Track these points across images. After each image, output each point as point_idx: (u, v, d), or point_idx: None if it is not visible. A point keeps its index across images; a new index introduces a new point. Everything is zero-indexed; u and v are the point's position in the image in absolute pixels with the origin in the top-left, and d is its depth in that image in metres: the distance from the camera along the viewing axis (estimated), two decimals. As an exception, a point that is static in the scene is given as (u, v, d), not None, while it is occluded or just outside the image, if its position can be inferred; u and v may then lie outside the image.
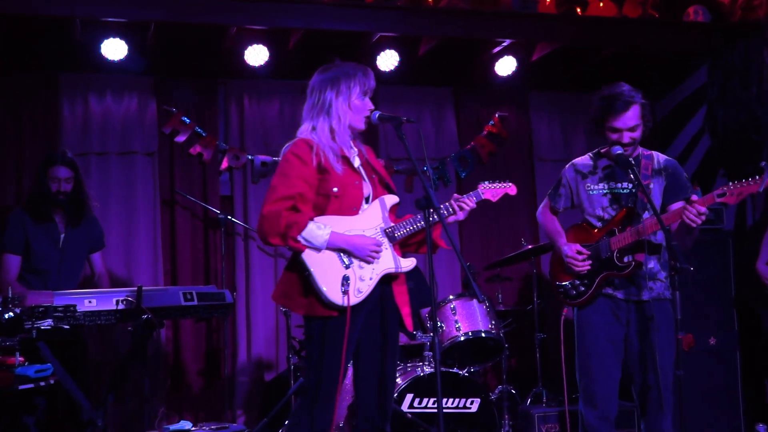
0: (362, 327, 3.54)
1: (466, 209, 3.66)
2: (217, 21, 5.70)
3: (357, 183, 3.54)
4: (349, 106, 3.53)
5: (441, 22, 6.14)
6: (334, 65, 3.60)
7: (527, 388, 6.09)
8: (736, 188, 3.71)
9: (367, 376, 3.57)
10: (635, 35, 6.59)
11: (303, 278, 3.43)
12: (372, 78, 3.58)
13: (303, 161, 3.44)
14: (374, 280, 3.50)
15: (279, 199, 3.40)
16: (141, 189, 6.19)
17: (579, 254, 4.09)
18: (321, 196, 3.47)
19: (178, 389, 6.11)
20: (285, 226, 3.36)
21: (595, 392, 4.06)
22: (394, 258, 3.57)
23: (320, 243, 3.40)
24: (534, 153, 7.13)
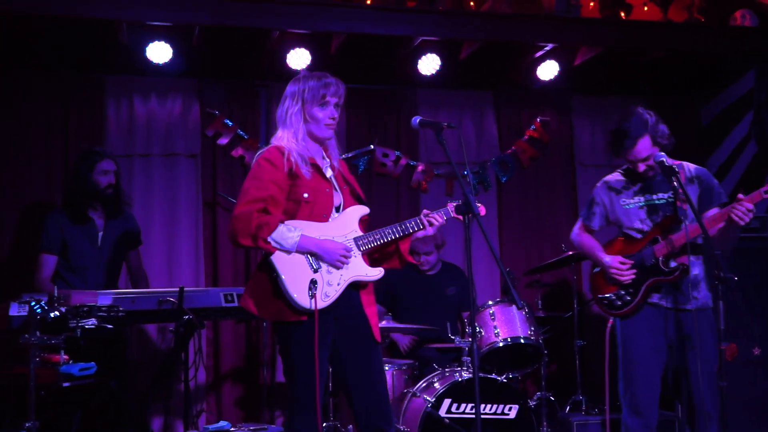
0: (337, 334, 3.56)
1: (435, 224, 3.71)
2: (261, 25, 5.74)
3: (327, 191, 3.60)
4: (305, 118, 3.59)
5: (483, 26, 6.13)
6: (301, 76, 3.66)
7: (566, 396, 6.06)
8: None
9: (356, 383, 3.58)
10: (680, 39, 6.52)
11: (272, 281, 3.45)
12: (333, 86, 3.60)
13: (274, 165, 3.49)
14: (342, 286, 3.53)
15: (250, 201, 3.44)
16: (183, 191, 6.26)
17: (622, 264, 4.11)
18: (292, 201, 3.52)
19: (218, 390, 6.16)
20: (255, 227, 3.39)
21: (640, 401, 4.09)
22: (362, 266, 3.61)
23: (290, 245, 3.43)
24: (576, 158, 7.08)
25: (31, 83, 6.04)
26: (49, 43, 5.78)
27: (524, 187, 6.94)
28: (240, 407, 6.19)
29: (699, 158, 4.44)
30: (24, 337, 3.92)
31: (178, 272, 6.15)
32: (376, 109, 6.70)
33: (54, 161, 6.02)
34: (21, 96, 6.02)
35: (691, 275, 4.04)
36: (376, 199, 6.61)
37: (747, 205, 3.77)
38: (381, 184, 6.64)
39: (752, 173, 6.72)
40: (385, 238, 3.64)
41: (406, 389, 5.18)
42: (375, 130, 6.63)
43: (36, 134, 6.02)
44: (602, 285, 4.25)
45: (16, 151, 5.98)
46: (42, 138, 6.03)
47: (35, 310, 3.93)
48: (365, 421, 3.57)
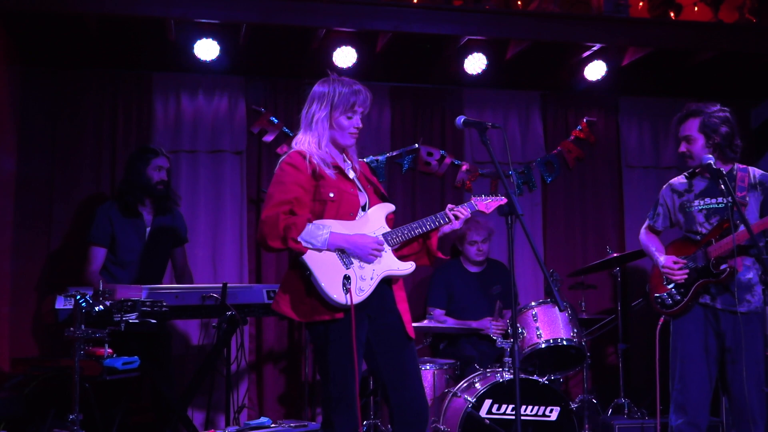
0: (371, 331, 3.54)
1: (461, 218, 3.72)
2: (307, 23, 5.72)
3: (352, 191, 3.59)
4: (331, 125, 3.57)
5: (530, 25, 6.05)
6: (329, 79, 3.63)
7: (609, 399, 5.95)
8: None
9: (391, 380, 3.55)
10: (731, 40, 6.37)
11: (305, 280, 3.44)
12: (362, 95, 3.58)
13: (298, 169, 3.48)
14: (375, 281, 3.51)
15: (276, 204, 3.44)
16: (228, 187, 6.26)
17: (675, 264, 4.20)
18: (318, 202, 3.51)
19: (260, 386, 6.16)
20: (283, 228, 3.38)
21: (687, 400, 4.12)
22: (393, 260, 3.59)
23: (320, 242, 3.42)
24: (622, 159, 6.96)
25: (81, 80, 6.09)
26: (99, 41, 5.81)
27: (569, 187, 6.85)
28: (281, 404, 6.19)
29: (749, 161, 4.37)
30: (69, 330, 3.94)
31: (222, 268, 6.15)
32: (421, 108, 6.64)
33: (102, 156, 6.06)
34: (72, 93, 6.07)
35: (744, 279, 4.08)
36: (420, 197, 6.56)
37: None
38: (425, 182, 6.58)
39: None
40: (413, 233, 3.65)
41: (447, 389, 5.14)
42: (420, 128, 6.57)
43: (85, 130, 6.07)
44: (658, 285, 4.31)
45: (67, 146, 6.04)
46: (91, 134, 6.08)
47: (80, 303, 3.94)
48: (401, 418, 3.55)
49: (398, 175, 6.53)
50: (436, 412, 5.03)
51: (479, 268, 6.01)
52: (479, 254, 5.92)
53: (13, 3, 5.19)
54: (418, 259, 3.73)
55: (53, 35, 5.73)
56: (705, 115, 4.17)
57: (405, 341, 3.61)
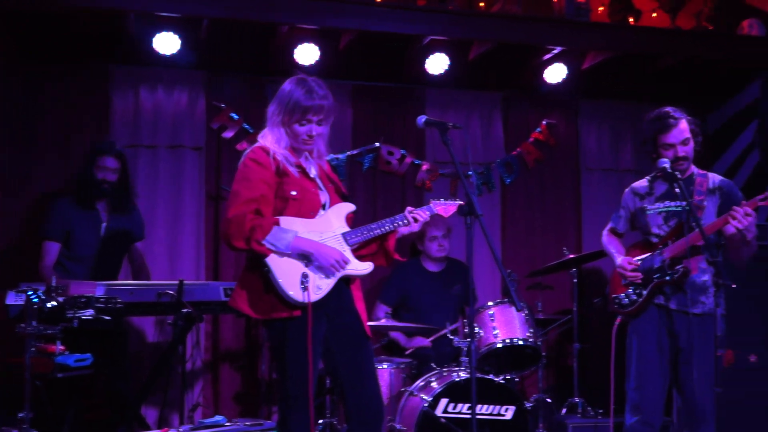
0: (329, 330, 3.54)
1: (420, 221, 3.75)
2: (270, 19, 5.68)
3: (313, 189, 3.59)
4: (286, 130, 3.55)
5: (493, 26, 6.07)
6: (294, 79, 3.60)
7: (564, 398, 5.99)
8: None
9: (348, 379, 3.56)
10: (688, 47, 6.46)
11: (263, 277, 3.42)
12: (317, 104, 3.52)
13: (262, 165, 3.47)
14: (333, 279, 3.50)
15: (244, 202, 3.41)
16: (187, 183, 6.17)
17: (629, 264, 4.24)
18: (280, 199, 3.50)
19: (215, 384, 6.09)
20: (249, 230, 3.36)
21: (642, 399, 4.16)
22: (352, 260, 3.60)
23: (284, 246, 3.41)
24: (581, 162, 7.00)
25: (37, 72, 5.95)
26: (56, 33, 5.70)
27: (528, 189, 6.87)
28: (237, 402, 6.12)
29: (704, 165, 4.41)
30: (20, 327, 3.86)
31: (179, 265, 6.07)
32: (383, 107, 6.61)
33: (58, 151, 5.93)
34: (27, 85, 5.93)
35: (700, 281, 4.12)
36: (380, 196, 6.54)
37: (745, 208, 3.86)
38: (386, 182, 6.56)
39: (755, 182, 6.65)
40: (372, 233, 3.66)
41: (403, 388, 5.13)
42: (381, 127, 6.55)
43: (41, 124, 5.94)
44: (617, 286, 4.35)
45: (22, 140, 5.89)
46: (47, 127, 5.95)
47: (32, 299, 3.86)
48: (357, 417, 3.55)
49: (359, 173, 6.50)
50: (393, 411, 5.01)
51: (439, 267, 6.00)
52: (440, 250, 5.90)
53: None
54: (375, 259, 3.72)
55: (9, 27, 5.60)
56: (689, 119, 4.20)
57: (363, 341, 3.61)
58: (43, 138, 5.93)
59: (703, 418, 4.04)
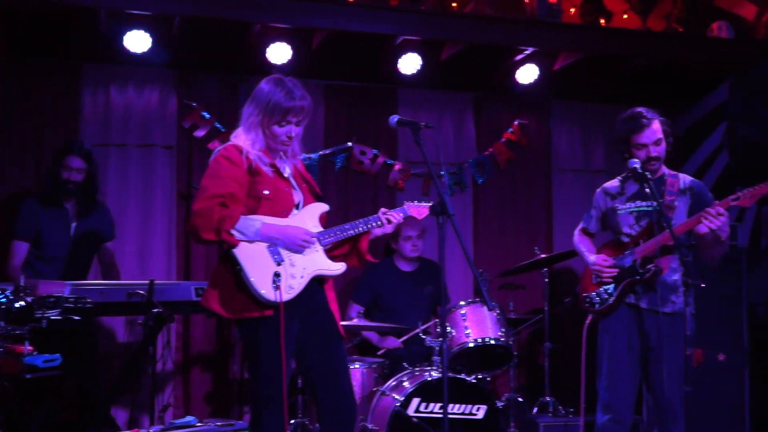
0: (302, 330, 3.52)
1: (393, 222, 3.74)
2: (242, 18, 5.66)
3: (287, 189, 3.57)
4: (264, 131, 3.53)
5: (465, 27, 6.09)
6: (273, 80, 3.57)
7: (535, 397, 6.02)
8: (749, 191, 3.92)
9: (321, 379, 3.54)
10: (659, 49, 6.52)
11: (234, 276, 3.40)
12: (297, 105, 3.51)
13: (234, 163, 3.44)
14: (305, 279, 3.49)
15: (210, 196, 3.39)
16: (158, 182, 6.13)
17: (605, 261, 4.26)
18: (252, 198, 3.48)
19: (186, 384, 6.05)
20: (218, 221, 3.34)
21: (613, 397, 4.18)
22: (325, 260, 3.58)
23: (252, 234, 3.39)
24: (552, 162, 7.04)
25: (6, 70, 5.87)
26: (25, 30, 5.63)
27: (500, 189, 6.89)
28: (208, 402, 6.09)
29: (673, 166, 4.44)
30: (-13, 327, 3.80)
31: (149, 264, 6.03)
32: (356, 107, 6.61)
33: (27, 149, 5.86)
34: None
35: (670, 280, 4.14)
36: (353, 196, 6.53)
37: (717, 208, 3.89)
38: (358, 181, 6.55)
39: (724, 182, 6.72)
40: (345, 234, 3.64)
41: (375, 387, 5.12)
42: (354, 127, 6.54)
43: (10, 122, 5.86)
44: (588, 285, 4.36)
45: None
46: (17, 125, 5.87)
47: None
48: (330, 417, 3.54)
49: (331, 173, 6.49)
50: (365, 410, 5.00)
51: (412, 266, 6.00)
52: (414, 250, 5.91)
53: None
54: (348, 260, 3.71)
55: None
56: (661, 119, 4.24)
57: (336, 340, 3.61)
58: (17, 136, 5.86)
59: (673, 417, 4.07)
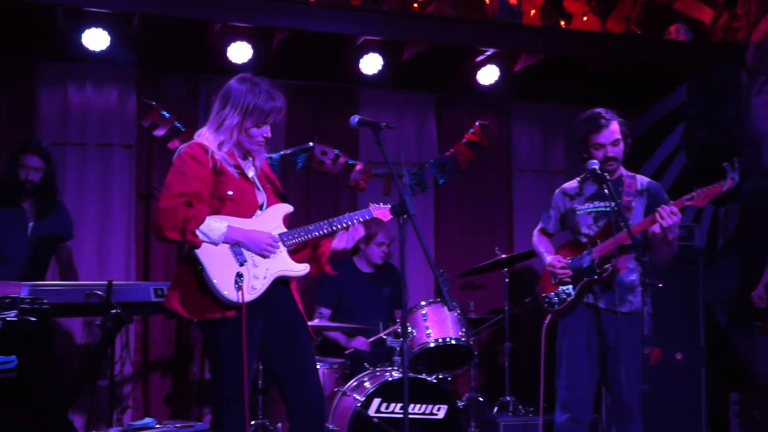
0: (268, 330, 3.52)
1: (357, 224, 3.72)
2: (202, 16, 5.63)
3: (251, 190, 3.56)
4: (241, 130, 3.51)
5: (426, 28, 6.11)
6: (246, 80, 3.55)
7: (495, 397, 6.06)
8: (703, 191, 3.97)
9: (289, 379, 3.54)
10: (618, 51, 6.60)
11: (197, 276, 3.38)
12: (277, 106, 3.54)
13: (199, 162, 3.42)
14: (268, 280, 3.48)
15: (176, 195, 3.35)
16: (117, 181, 6.09)
17: (558, 262, 4.30)
18: (216, 199, 3.46)
19: (145, 386, 6.01)
20: (183, 220, 3.32)
21: (572, 396, 4.22)
22: (288, 261, 3.58)
23: (217, 236, 3.38)
24: (513, 163, 7.10)
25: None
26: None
27: (461, 189, 6.93)
28: (168, 404, 6.06)
29: (632, 167, 4.49)
30: (-59, 329, 3.74)
31: (108, 265, 5.98)
32: (317, 107, 6.61)
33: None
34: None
35: (627, 280, 4.18)
36: (314, 196, 6.53)
37: (671, 208, 3.94)
38: (319, 181, 6.55)
39: (681, 183, 6.83)
40: (310, 235, 3.62)
41: (336, 388, 5.12)
42: (315, 127, 6.54)
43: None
44: (547, 285, 4.39)
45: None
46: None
47: (-47, 301, 3.74)
48: (298, 417, 3.53)
49: (292, 173, 6.48)
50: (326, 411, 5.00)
51: (372, 268, 6.01)
52: (382, 257, 5.92)
53: None
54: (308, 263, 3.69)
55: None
56: (620, 120, 4.28)
57: (303, 341, 3.59)
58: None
59: (631, 415, 4.11)
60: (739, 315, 6.30)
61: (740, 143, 6.40)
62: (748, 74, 6.43)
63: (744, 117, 6.43)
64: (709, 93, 6.76)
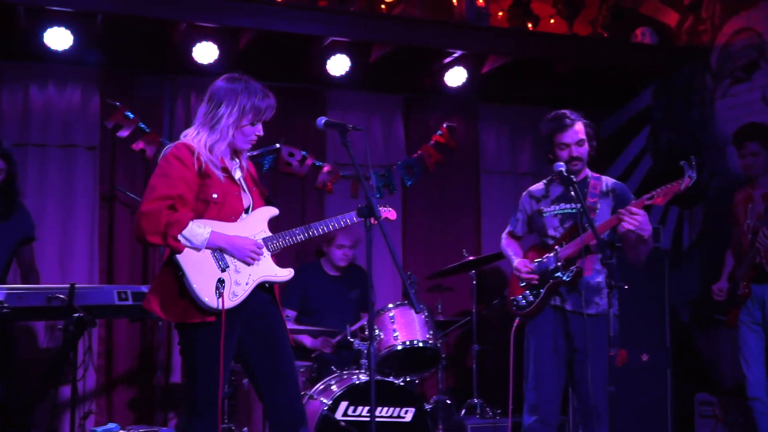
0: (247, 335, 3.51)
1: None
2: (167, 16, 5.61)
3: (237, 193, 3.55)
4: (236, 129, 3.51)
5: (393, 29, 6.13)
6: (239, 79, 3.55)
7: (463, 399, 6.08)
8: (662, 189, 4.02)
9: (268, 384, 3.54)
10: (585, 53, 6.66)
11: (178, 280, 3.37)
12: (272, 105, 3.57)
13: (184, 164, 3.40)
14: (250, 286, 3.48)
15: (159, 198, 3.34)
16: (80, 183, 6.03)
17: (525, 266, 4.32)
18: (200, 202, 3.44)
19: (109, 391, 5.96)
20: (165, 225, 3.31)
21: (540, 399, 4.25)
22: (271, 266, 3.57)
23: (200, 242, 3.37)
24: (480, 165, 7.14)
25: None
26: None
27: (429, 191, 6.96)
28: (131, 409, 6.01)
29: (598, 169, 4.54)
30: None
31: (71, 268, 5.93)
32: (284, 108, 6.48)
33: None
34: None
35: (594, 282, 4.22)
36: (281, 198, 6.50)
37: (632, 209, 3.97)
38: (286, 183, 6.54)
39: (647, 186, 6.80)
40: (295, 239, 3.61)
41: (303, 391, 5.10)
42: (282, 128, 6.52)
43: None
44: (515, 288, 4.41)
45: None
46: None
47: None
48: (276, 420, 3.54)
49: (259, 175, 6.42)
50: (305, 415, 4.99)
51: (339, 270, 6.00)
52: (344, 259, 5.90)
53: None
54: None
55: None
56: (585, 122, 4.32)
57: (282, 346, 3.58)
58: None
59: (597, 417, 4.14)
60: (702, 314, 6.37)
61: (704, 146, 6.49)
62: (713, 77, 6.52)
63: (708, 120, 6.52)
64: (675, 96, 6.84)
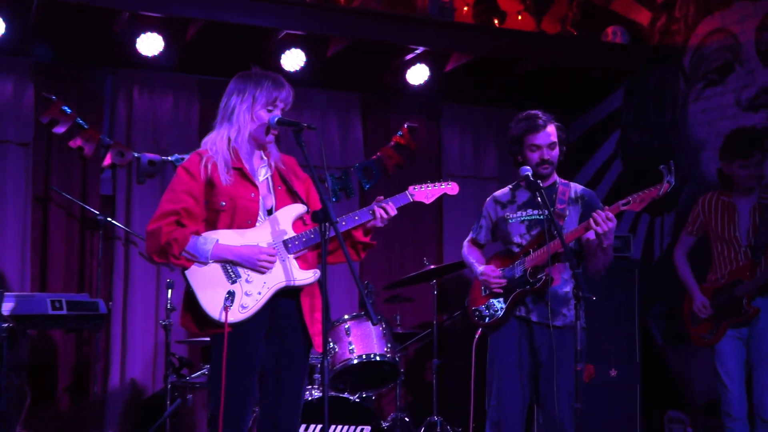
0: (266, 343, 3.50)
1: (389, 216, 3.78)
2: (109, 4, 5.55)
3: (252, 195, 3.52)
4: (251, 117, 3.53)
5: (352, 22, 6.11)
6: (251, 72, 3.60)
7: (422, 417, 6.05)
8: (639, 195, 3.98)
9: (265, 397, 3.54)
10: (552, 52, 6.68)
11: (192, 295, 3.42)
12: (285, 90, 3.56)
13: (191, 175, 3.47)
14: (264, 295, 3.43)
15: (161, 215, 3.42)
16: (11, 182, 5.91)
17: (492, 272, 4.30)
18: (211, 211, 3.49)
19: (41, 407, 5.83)
20: (165, 244, 3.36)
21: (503, 416, 4.22)
22: (285, 271, 3.49)
23: (204, 256, 3.41)
24: (443, 168, 7.12)
25: None
26: None
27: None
28: (66, 426, 5.91)
29: (567, 174, 4.55)
30: None
31: (0, 274, 5.80)
32: (234, 104, 6.50)
33: None
34: None
35: (562, 292, 4.21)
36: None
37: (606, 213, 3.96)
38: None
39: (618, 191, 6.93)
40: (313, 237, 3.53)
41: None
42: (231, 126, 6.45)
43: None
44: (477, 297, 4.39)
45: None
46: None
47: None
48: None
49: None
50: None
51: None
52: None
53: None
54: (337, 257, 3.58)
55: None
56: (557, 125, 4.32)
57: (290, 366, 3.54)
58: None
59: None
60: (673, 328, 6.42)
61: (677, 150, 6.54)
62: (686, 80, 6.58)
63: (681, 123, 6.58)
64: (646, 98, 6.89)
